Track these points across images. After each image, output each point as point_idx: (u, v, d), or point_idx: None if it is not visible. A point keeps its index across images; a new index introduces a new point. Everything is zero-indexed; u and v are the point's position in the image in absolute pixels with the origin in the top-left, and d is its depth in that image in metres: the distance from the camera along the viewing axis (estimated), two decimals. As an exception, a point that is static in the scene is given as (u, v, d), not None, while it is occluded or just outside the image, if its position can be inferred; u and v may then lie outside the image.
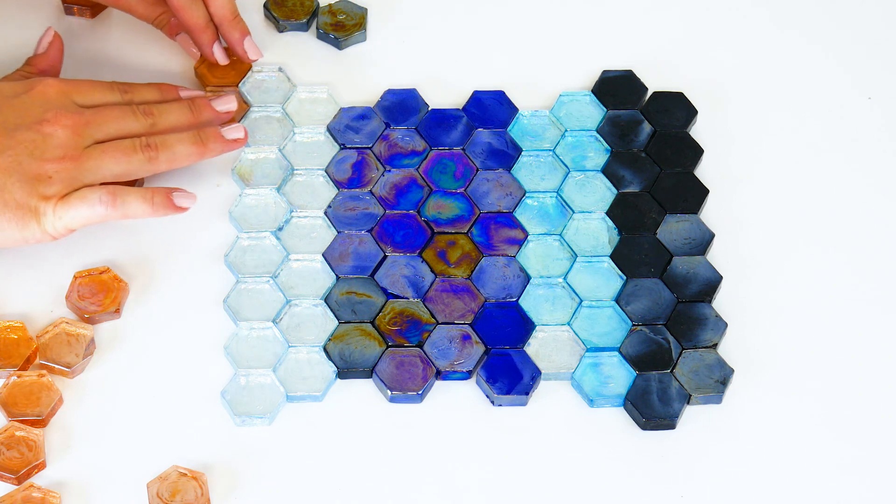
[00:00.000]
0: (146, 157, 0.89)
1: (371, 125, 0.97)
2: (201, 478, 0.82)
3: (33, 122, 0.87)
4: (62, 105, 0.88)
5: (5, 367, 0.86)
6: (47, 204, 0.86)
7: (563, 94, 0.99)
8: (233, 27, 0.97)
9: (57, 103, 0.88)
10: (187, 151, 0.91)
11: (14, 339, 0.86)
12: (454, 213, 0.94)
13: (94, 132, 0.88)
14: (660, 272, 0.91)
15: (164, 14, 0.98)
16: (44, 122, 0.87)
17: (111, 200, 0.87)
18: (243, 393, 0.86)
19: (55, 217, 0.86)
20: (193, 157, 0.91)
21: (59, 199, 0.86)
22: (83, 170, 0.87)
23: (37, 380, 0.85)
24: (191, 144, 0.91)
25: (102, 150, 0.88)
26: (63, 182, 0.86)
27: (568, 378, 0.88)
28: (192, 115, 0.93)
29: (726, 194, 0.96)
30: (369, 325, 0.89)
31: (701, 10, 1.06)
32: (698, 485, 0.84)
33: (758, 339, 0.90)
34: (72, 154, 0.87)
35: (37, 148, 0.86)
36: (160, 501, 0.81)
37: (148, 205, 0.89)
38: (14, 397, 0.84)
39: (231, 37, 0.97)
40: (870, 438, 0.86)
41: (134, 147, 0.89)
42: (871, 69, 1.03)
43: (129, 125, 0.90)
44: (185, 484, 0.82)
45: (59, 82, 0.90)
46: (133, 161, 0.89)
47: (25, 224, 0.86)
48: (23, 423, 0.83)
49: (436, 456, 0.85)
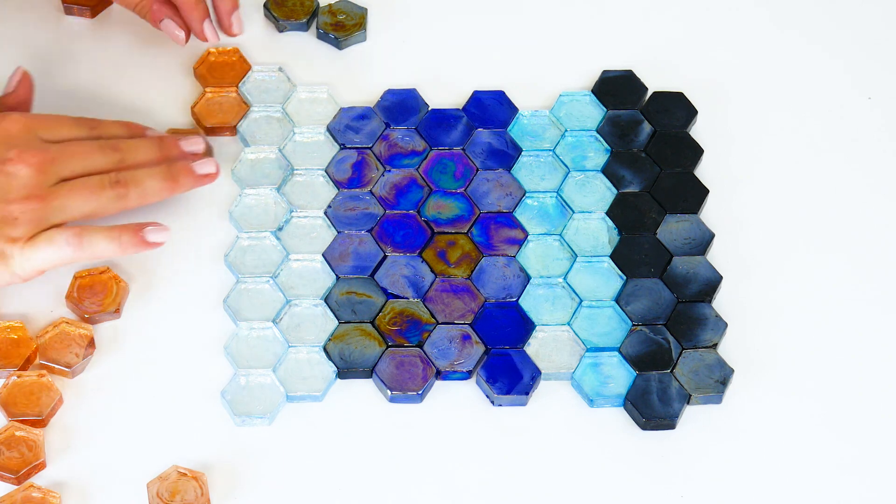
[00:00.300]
0: (116, 193, 0.86)
1: (371, 125, 0.97)
2: (201, 478, 0.82)
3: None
4: (26, 142, 0.85)
5: (5, 367, 0.86)
6: (13, 246, 0.83)
7: (563, 94, 0.99)
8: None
9: (20, 140, 0.85)
10: (158, 187, 0.88)
11: (14, 339, 0.86)
12: (454, 213, 0.94)
13: (59, 169, 0.85)
14: (660, 272, 0.91)
15: (145, 0, 0.97)
16: (7, 161, 0.84)
17: (77, 242, 0.85)
18: (243, 393, 0.86)
19: (23, 259, 0.84)
20: (164, 193, 0.89)
21: (27, 240, 0.84)
22: (50, 209, 0.84)
23: (37, 380, 0.85)
24: (161, 180, 0.88)
25: (70, 188, 0.85)
26: (30, 223, 0.84)
27: (568, 378, 0.88)
28: (160, 151, 0.90)
29: (726, 194, 0.96)
30: (369, 325, 0.89)
31: (701, 10, 1.06)
32: (698, 485, 0.84)
33: (758, 339, 0.90)
34: (37, 193, 0.84)
35: (0, 188, 0.83)
36: (160, 501, 0.81)
37: (115, 244, 0.86)
38: (14, 397, 0.84)
39: (223, 5, 0.97)
40: (870, 438, 0.86)
41: (102, 184, 0.86)
42: (871, 69, 1.03)
43: (96, 161, 0.87)
44: (185, 484, 0.82)
45: (23, 117, 0.87)
46: (102, 198, 0.86)
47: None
48: (23, 423, 0.83)
49: (436, 456, 0.85)
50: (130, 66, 1.00)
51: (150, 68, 1.00)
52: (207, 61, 0.99)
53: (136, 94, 0.99)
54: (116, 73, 0.99)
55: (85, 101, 0.98)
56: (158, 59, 1.01)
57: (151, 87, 0.99)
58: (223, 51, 1.00)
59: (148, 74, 1.00)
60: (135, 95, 0.99)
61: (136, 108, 0.98)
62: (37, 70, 0.99)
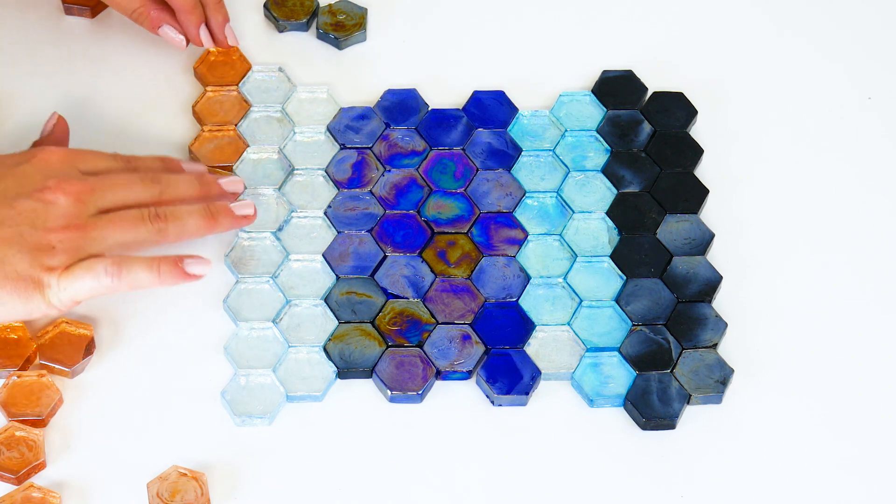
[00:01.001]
0: (155, 228, 0.86)
1: (371, 125, 0.97)
2: (201, 478, 0.82)
3: (34, 191, 0.83)
4: (65, 172, 0.85)
5: (5, 367, 0.86)
6: (51, 275, 0.82)
7: (563, 94, 0.99)
8: (217, 10, 0.98)
9: (59, 171, 0.85)
10: (197, 224, 0.87)
11: (14, 339, 0.86)
12: (454, 213, 0.94)
13: (98, 200, 0.85)
14: (660, 272, 0.91)
15: (142, 7, 0.97)
16: (45, 190, 0.83)
17: (117, 272, 0.83)
18: (243, 393, 0.86)
19: (59, 289, 0.82)
20: (202, 231, 0.88)
21: (63, 269, 0.82)
22: (88, 239, 0.83)
23: (37, 380, 0.85)
24: (201, 218, 0.88)
25: (109, 220, 0.85)
26: (67, 252, 0.82)
27: (568, 378, 0.88)
28: (199, 188, 0.90)
29: (726, 194, 0.96)
30: (369, 325, 0.89)
31: (701, 10, 1.06)
32: (698, 485, 0.84)
33: (758, 339, 0.90)
34: (76, 223, 0.83)
35: (38, 217, 0.82)
36: (160, 501, 0.81)
37: (154, 274, 0.84)
38: (14, 397, 0.84)
39: (214, 20, 0.98)
40: (870, 438, 0.86)
41: (143, 217, 0.85)
42: (871, 69, 1.03)
43: (136, 193, 0.87)
44: (186, 484, 0.82)
45: (62, 150, 0.86)
46: (141, 231, 0.85)
47: (29, 297, 0.82)
48: (23, 424, 0.83)
49: (436, 456, 0.85)
50: (130, 66, 1.00)
51: (151, 68, 1.00)
52: (208, 60, 0.99)
53: (136, 94, 0.99)
54: (116, 72, 0.99)
55: (85, 101, 0.98)
56: (158, 58, 1.01)
57: (151, 87, 0.99)
58: (223, 50, 1.00)
59: (148, 74, 1.00)
60: (135, 95, 0.99)
61: (136, 107, 0.98)
62: (37, 70, 0.99)
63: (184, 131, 0.97)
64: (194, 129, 0.97)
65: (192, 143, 0.96)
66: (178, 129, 0.97)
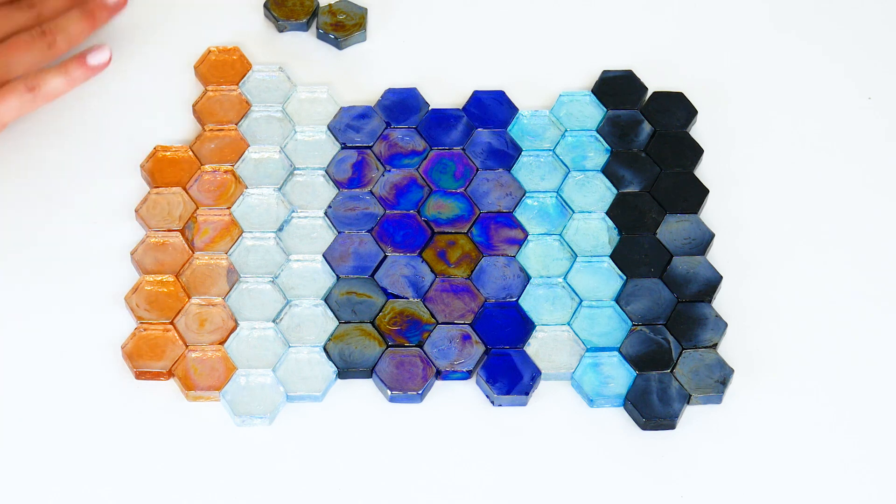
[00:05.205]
0: (45, 43, 0.93)
1: (371, 124, 0.97)
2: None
3: None
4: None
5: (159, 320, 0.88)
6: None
7: (563, 94, 0.99)
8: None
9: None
10: (80, 28, 0.95)
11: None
12: (454, 213, 0.94)
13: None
14: (660, 272, 0.91)
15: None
16: None
17: (34, 84, 0.91)
18: (243, 393, 0.86)
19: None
20: (87, 32, 0.96)
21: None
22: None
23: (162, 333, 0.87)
24: (80, 20, 0.95)
25: (5, 48, 0.92)
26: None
27: (568, 378, 0.88)
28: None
29: (726, 194, 0.96)
30: (369, 325, 0.89)
31: (701, 10, 1.06)
32: (698, 485, 0.84)
33: (758, 339, 0.90)
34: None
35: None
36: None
37: (65, 77, 0.92)
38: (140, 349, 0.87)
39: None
40: (870, 438, 0.86)
41: (32, 37, 0.93)
42: (871, 69, 1.03)
43: (15, 20, 0.94)
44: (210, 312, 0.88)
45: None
46: (35, 50, 0.93)
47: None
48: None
49: (436, 456, 0.85)
50: (130, 65, 1.00)
51: (150, 68, 1.00)
52: (208, 60, 1.00)
53: (136, 94, 0.99)
54: (116, 72, 0.99)
55: (85, 99, 0.98)
56: (159, 58, 1.01)
57: (152, 87, 0.99)
58: (224, 49, 1.00)
59: (148, 74, 1.00)
60: (135, 95, 0.99)
61: (136, 107, 0.98)
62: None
63: (184, 131, 0.97)
64: (194, 128, 0.97)
65: (193, 143, 0.96)
66: (178, 129, 0.97)
